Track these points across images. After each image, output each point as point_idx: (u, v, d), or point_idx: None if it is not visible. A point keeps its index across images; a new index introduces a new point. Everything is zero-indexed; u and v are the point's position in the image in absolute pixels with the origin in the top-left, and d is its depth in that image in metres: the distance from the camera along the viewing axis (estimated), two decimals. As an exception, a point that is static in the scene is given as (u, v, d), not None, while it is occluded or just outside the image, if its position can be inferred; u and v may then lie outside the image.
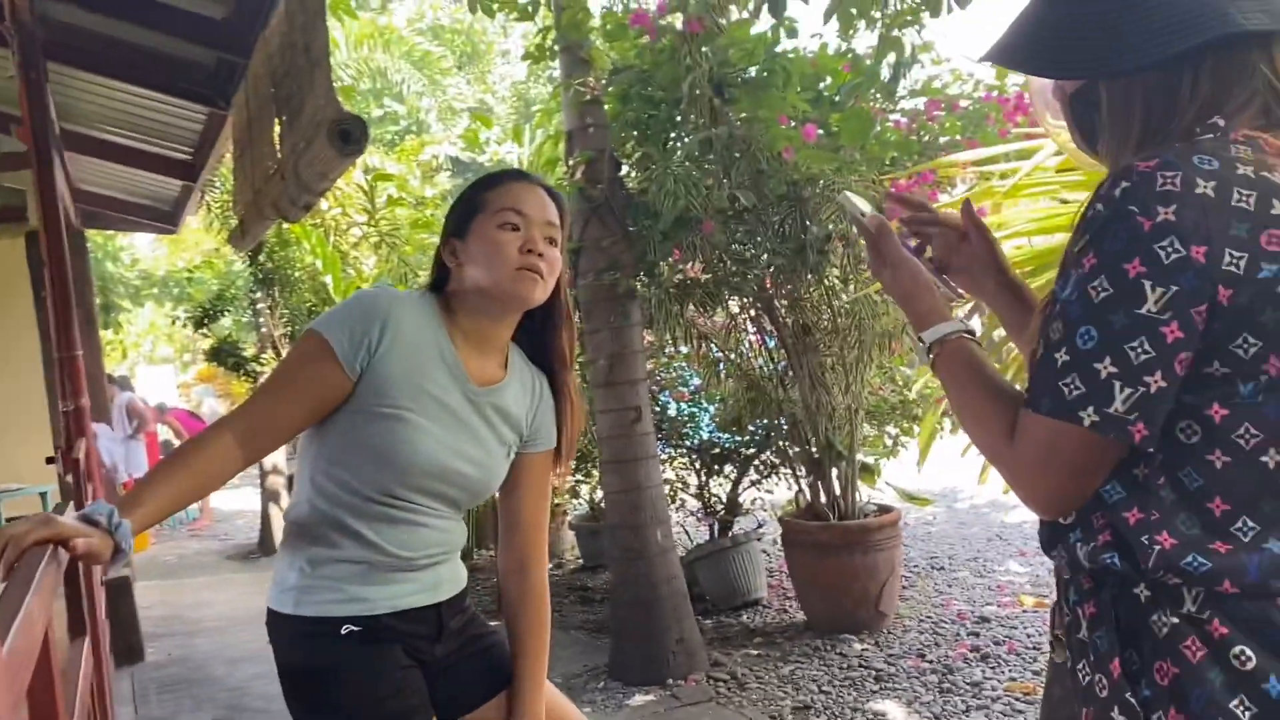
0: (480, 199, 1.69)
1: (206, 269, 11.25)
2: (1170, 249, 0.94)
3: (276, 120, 3.18)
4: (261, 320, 8.58)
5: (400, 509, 1.65)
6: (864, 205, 1.39)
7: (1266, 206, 0.96)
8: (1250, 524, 0.99)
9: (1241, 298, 0.95)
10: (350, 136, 2.40)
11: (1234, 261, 0.94)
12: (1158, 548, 1.00)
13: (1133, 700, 1.02)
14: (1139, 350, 0.96)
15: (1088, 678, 1.09)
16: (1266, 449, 0.99)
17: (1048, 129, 1.29)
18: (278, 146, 3.19)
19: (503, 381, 1.74)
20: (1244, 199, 0.95)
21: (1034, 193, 2.29)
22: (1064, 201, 2.22)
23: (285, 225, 6.86)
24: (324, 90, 2.57)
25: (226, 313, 9.46)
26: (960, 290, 1.39)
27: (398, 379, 1.60)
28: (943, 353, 1.20)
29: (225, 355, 8.87)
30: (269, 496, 8.54)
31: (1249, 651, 0.97)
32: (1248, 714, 0.96)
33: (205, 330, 9.17)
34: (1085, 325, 0.98)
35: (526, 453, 1.81)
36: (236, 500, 12.45)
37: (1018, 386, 1.15)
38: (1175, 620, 1.00)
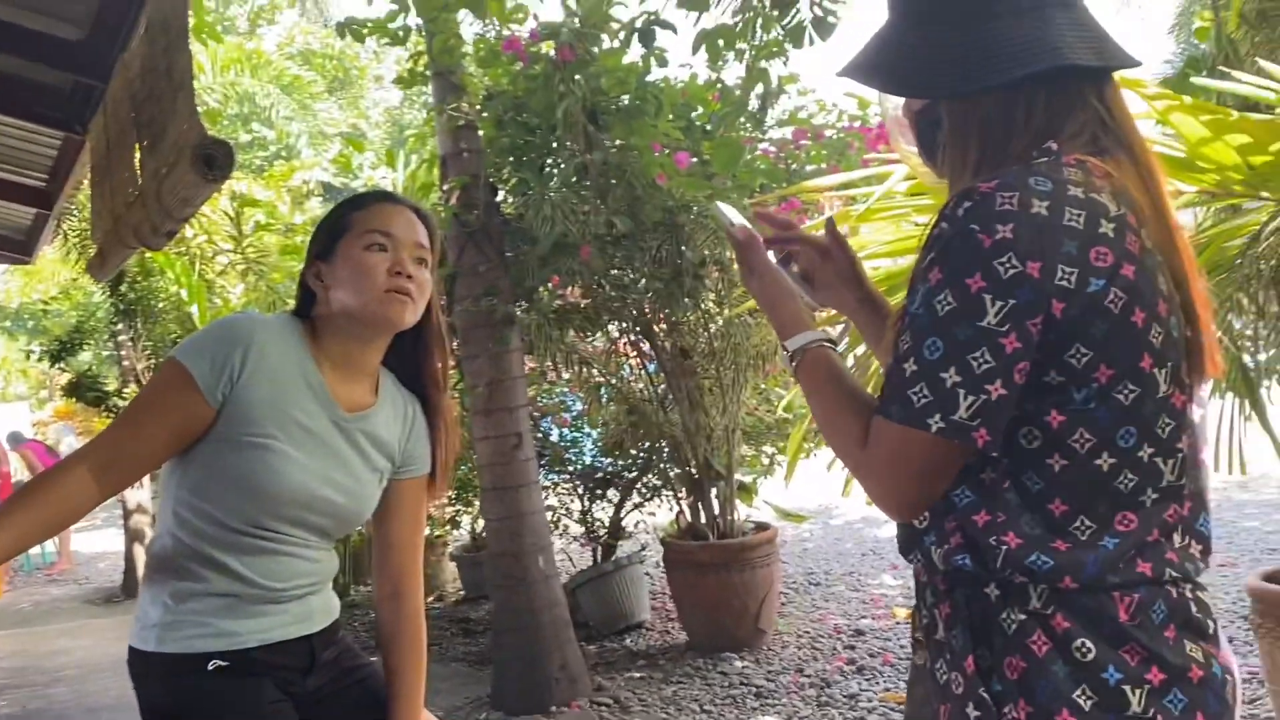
0: (347, 220, 1.66)
1: (64, 300, 10.76)
2: (1008, 265, 1.00)
3: (137, 145, 3.07)
4: (123, 353, 8.23)
5: (268, 539, 1.61)
6: (735, 216, 1.43)
7: (1094, 225, 1.03)
8: (1087, 523, 1.05)
9: (1073, 310, 1.01)
10: (215, 161, 2.34)
11: (1066, 276, 1.01)
12: (1005, 548, 1.05)
13: (985, 695, 1.07)
14: (980, 360, 1.01)
15: (945, 676, 1.14)
16: (1100, 452, 1.05)
17: (900, 152, 1.36)
18: (139, 172, 3.09)
19: (373, 407, 1.71)
20: (1074, 218, 1.02)
21: (887, 216, 2.40)
22: (915, 224, 2.33)
23: (148, 254, 6.62)
24: (187, 114, 2.51)
25: (86, 346, 9.07)
26: (822, 303, 1.45)
27: (262, 406, 1.56)
28: (804, 361, 1.24)
29: (85, 390, 8.48)
30: (133, 536, 8.17)
31: (1089, 643, 1.03)
32: (1089, 703, 1.02)
33: (63, 365, 8.76)
34: (931, 337, 1.04)
35: (400, 479, 1.78)
36: (98, 541, 11.88)
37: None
38: (1023, 617, 1.06)
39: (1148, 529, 1.06)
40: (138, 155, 3.09)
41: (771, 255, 1.40)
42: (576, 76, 4.45)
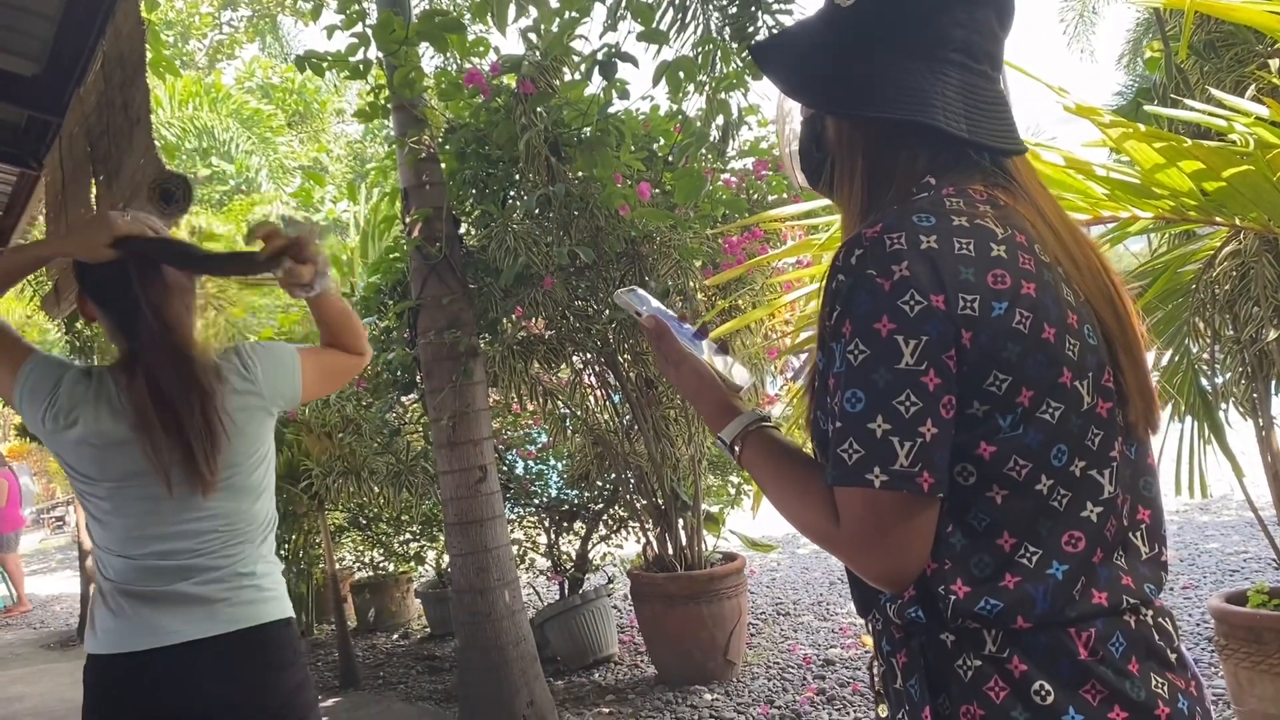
0: None
1: (17, 338, 10.59)
2: (913, 302, 0.98)
3: (94, 180, 3.04)
4: (79, 390, 8.06)
5: None
6: (641, 303, 1.35)
7: (985, 251, 1.02)
8: (1032, 549, 1.02)
9: (982, 338, 0.99)
10: (173, 196, 2.32)
11: (968, 305, 0.99)
12: (953, 597, 1.02)
13: None
14: (907, 403, 0.98)
15: None
16: (1038, 477, 1.02)
17: (795, 181, 1.35)
18: (95, 207, 3.05)
19: None
20: (964, 246, 1.01)
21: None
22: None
23: (104, 289, 6.53)
24: (144, 149, 2.49)
25: (39, 383, 8.88)
26: (740, 381, 1.33)
27: None
28: (745, 446, 1.19)
29: (38, 429, 8.31)
30: (90, 578, 7.98)
31: (1048, 686, 1.00)
32: None
33: (16, 403, 8.58)
34: (851, 389, 1.00)
35: None
36: (53, 584, 11.63)
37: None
38: (979, 662, 1.03)
39: (1093, 548, 1.03)
40: (94, 190, 3.05)
41: (688, 328, 1.32)
42: (538, 109, 4.47)
